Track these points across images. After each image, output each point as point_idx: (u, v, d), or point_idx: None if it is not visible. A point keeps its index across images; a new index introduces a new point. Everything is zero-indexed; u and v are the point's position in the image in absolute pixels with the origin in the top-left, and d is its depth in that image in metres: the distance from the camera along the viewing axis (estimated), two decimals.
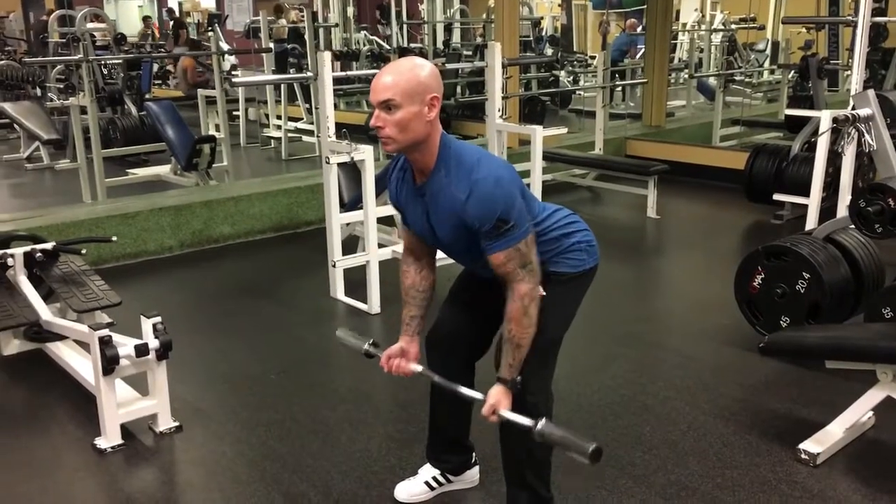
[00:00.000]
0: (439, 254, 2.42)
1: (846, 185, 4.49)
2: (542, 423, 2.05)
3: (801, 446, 2.89)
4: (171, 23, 15.61)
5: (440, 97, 2.13)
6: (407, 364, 2.39)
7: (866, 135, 3.69)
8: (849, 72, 5.33)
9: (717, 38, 12.30)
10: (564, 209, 2.47)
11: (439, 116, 2.16)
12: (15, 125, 9.30)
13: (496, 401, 2.17)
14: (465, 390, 2.26)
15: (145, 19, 16.37)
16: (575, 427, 3.08)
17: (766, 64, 12.29)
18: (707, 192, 7.29)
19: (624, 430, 3.12)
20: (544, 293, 2.32)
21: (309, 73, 4.90)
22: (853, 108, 3.93)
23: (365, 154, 4.07)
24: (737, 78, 11.67)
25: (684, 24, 13.40)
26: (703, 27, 12.50)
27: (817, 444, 2.89)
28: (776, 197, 5.90)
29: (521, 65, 7.12)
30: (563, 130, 5.85)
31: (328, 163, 4.15)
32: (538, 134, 4.81)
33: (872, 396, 2.87)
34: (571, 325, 2.44)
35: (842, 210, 4.35)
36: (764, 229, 5.97)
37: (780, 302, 3.70)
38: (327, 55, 4.24)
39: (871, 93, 3.82)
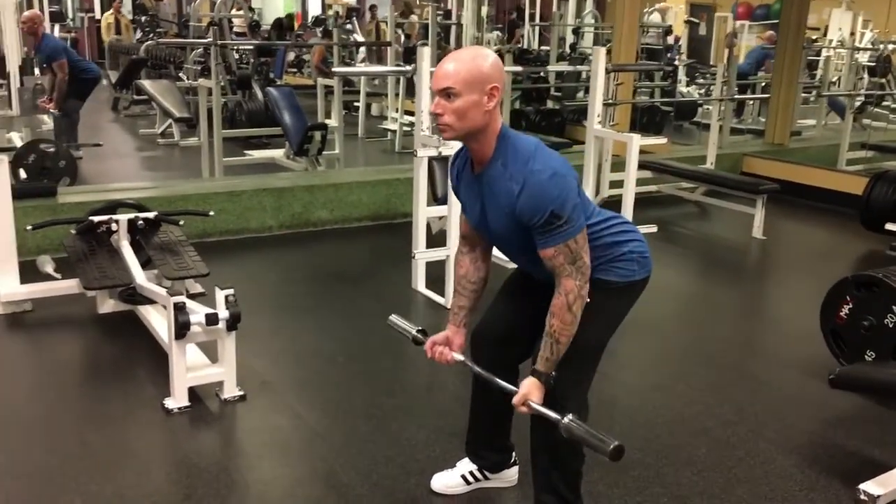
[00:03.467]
0: (497, 253, 2.44)
1: None
2: (568, 417, 2.07)
3: (862, 486, 2.73)
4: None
5: (501, 88, 2.14)
6: (449, 353, 2.42)
7: None
8: None
9: (863, 58, 11.68)
10: (620, 216, 2.43)
11: (552, 119, 2.18)
12: (152, 102, 9.92)
13: (528, 391, 2.18)
14: (501, 383, 2.28)
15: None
16: (623, 440, 3.06)
17: None
18: (822, 216, 6.96)
19: (676, 449, 3.04)
20: (588, 300, 2.31)
21: (408, 67, 4.97)
22: None
23: (453, 149, 4.11)
24: (886, 102, 11.06)
25: (831, 41, 12.81)
26: (846, 45, 11.90)
27: (879, 486, 2.72)
28: (888, 227, 5.58)
29: (628, 71, 6.98)
30: (663, 140, 5.72)
31: (416, 156, 4.23)
32: (634, 142, 4.73)
33: None
34: (645, 338, 2.43)
35: None
36: (876, 259, 5.64)
37: (866, 335, 3.50)
38: (427, 50, 4.31)
39: None
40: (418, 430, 3.10)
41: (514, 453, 2.73)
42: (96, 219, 4.14)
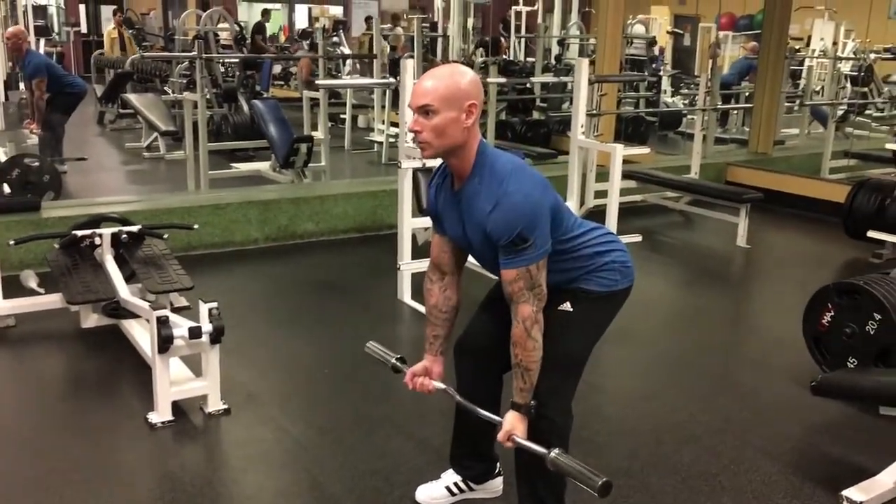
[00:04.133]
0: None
1: None
2: (554, 452, 2.08)
3: (845, 493, 2.75)
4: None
5: (479, 105, 2.16)
6: (430, 382, 2.44)
7: None
8: None
9: (846, 67, 11.78)
10: (603, 228, 2.45)
11: (537, 130, 2.18)
12: (138, 115, 9.89)
13: (511, 427, 2.20)
14: (484, 413, 2.31)
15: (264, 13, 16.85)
16: (608, 449, 3.09)
17: None
18: (806, 224, 7.02)
19: (662, 457, 3.05)
20: (571, 310, 2.32)
21: (392, 80, 4.99)
22: None
23: (437, 161, 4.12)
24: (867, 110, 11.16)
25: (813, 51, 12.93)
26: (828, 55, 12.01)
27: (862, 493, 2.74)
28: (870, 234, 5.62)
29: (611, 82, 7.02)
30: (647, 150, 5.75)
31: (400, 167, 4.23)
32: (618, 152, 4.75)
33: None
34: (630, 347, 2.43)
35: None
36: (859, 267, 5.68)
37: (848, 342, 3.53)
38: (410, 62, 4.34)
39: None
40: (403, 442, 3.10)
41: (498, 464, 2.73)
42: (79, 233, 4.13)
